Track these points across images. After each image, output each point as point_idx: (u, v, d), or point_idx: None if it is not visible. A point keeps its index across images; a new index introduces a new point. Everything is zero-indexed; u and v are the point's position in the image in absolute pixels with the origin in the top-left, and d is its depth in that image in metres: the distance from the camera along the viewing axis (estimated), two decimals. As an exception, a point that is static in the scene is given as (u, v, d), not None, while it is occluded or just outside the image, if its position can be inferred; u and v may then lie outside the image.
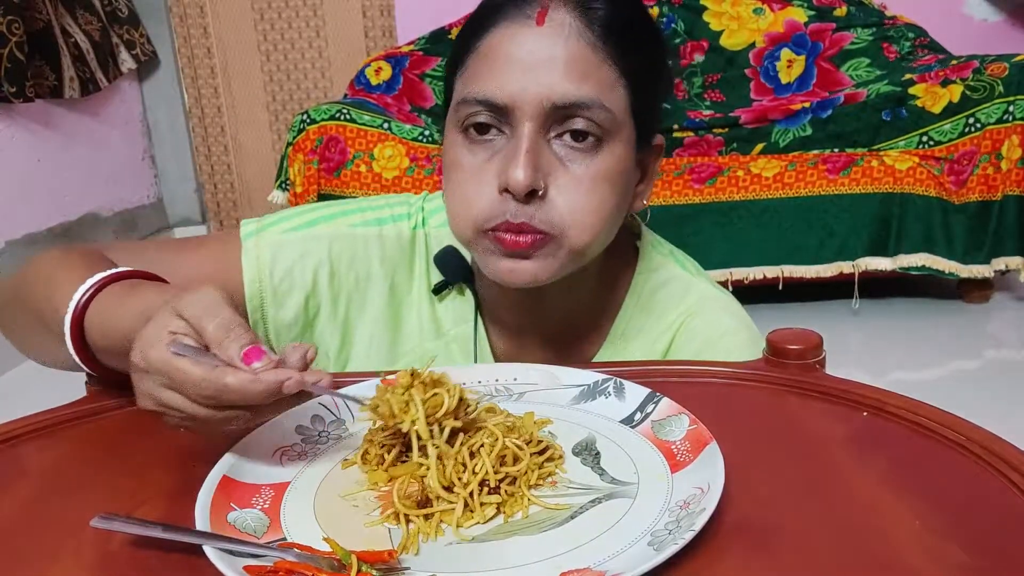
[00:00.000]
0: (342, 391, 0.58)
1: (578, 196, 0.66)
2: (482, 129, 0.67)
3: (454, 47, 0.72)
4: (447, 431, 0.52)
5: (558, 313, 0.78)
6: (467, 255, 0.80)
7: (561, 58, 0.65)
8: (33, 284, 0.69)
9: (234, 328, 0.50)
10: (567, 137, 0.66)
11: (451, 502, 0.48)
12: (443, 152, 0.73)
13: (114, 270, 0.64)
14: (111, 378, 0.64)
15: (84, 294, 0.62)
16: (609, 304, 0.80)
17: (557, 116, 0.66)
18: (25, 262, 0.72)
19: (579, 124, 0.66)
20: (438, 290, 0.81)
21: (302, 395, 0.51)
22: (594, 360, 0.79)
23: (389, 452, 0.53)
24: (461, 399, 0.53)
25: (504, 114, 0.66)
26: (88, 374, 0.67)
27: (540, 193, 0.65)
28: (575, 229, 0.67)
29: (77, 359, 0.63)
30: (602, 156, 0.67)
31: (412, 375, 0.54)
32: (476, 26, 0.70)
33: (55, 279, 0.66)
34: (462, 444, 0.51)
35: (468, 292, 0.80)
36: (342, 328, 0.80)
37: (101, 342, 0.61)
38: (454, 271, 0.80)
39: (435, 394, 0.53)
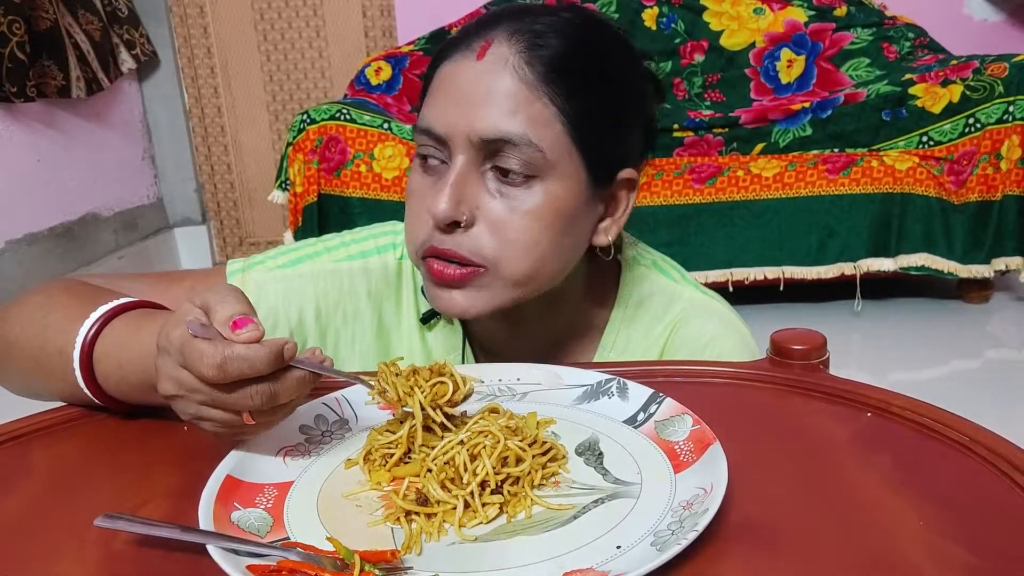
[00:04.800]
0: (350, 374, 0.58)
1: (506, 229, 0.67)
2: (430, 157, 0.70)
3: (423, 82, 0.74)
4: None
5: (543, 337, 0.78)
6: None
7: (493, 93, 0.66)
8: (22, 327, 0.66)
9: (229, 301, 0.51)
10: (498, 170, 0.67)
11: (450, 503, 0.48)
12: None
13: (117, 302, 0.62)
14: (122, 409, 0.63)
15: (91, 328, 0.60)
16: (595, 323, 0.81)
17: (488, 150, 0.66)
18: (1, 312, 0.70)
19: (506, 160, 0.66)
20: (426, 319, 0.81)
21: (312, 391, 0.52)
22: None
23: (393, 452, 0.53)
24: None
25: (443, 144, 0.68)
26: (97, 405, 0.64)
27: (463, 224, 0.67)
28: (506, 261, 0.67)
29: (88, 393, 0.61)
30: (534, 192, 0.67)
31: (415, 371, 0.56)
32: (434, 60, 0.72)
33: (50, 321, 0.64)
34: (462, 444, 0.51)
35: (456, 321, 0.81)
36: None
37: (115, 372, 0.60)
38: None
39: (440, 382, 0.55)
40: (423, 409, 0.54)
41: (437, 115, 0.68)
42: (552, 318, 0.77)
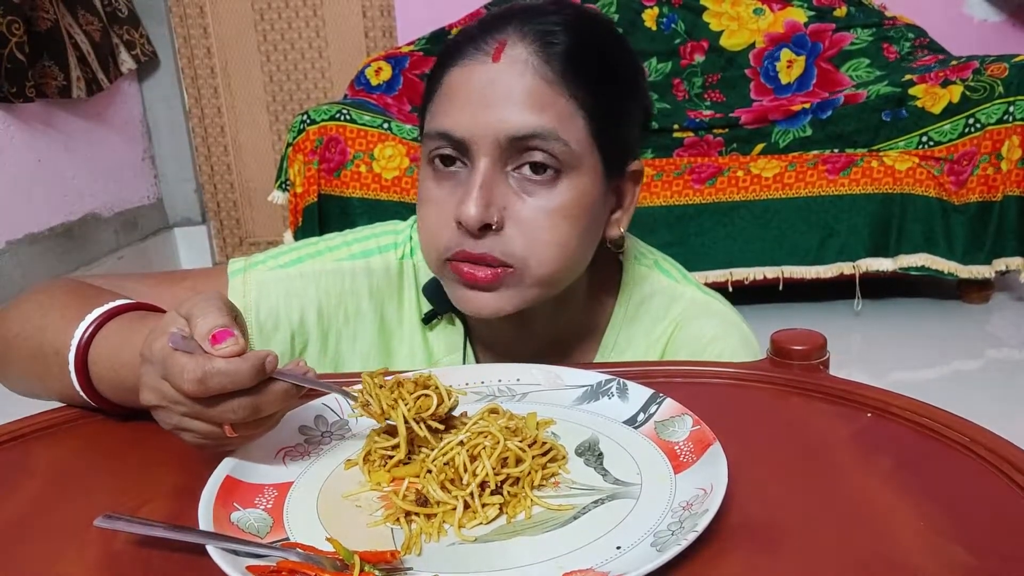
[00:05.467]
0: (333, 385, 0.57)
1: (536, 229, 0.67)
2: (447, 162, 0.69)
3: (425, 85, 0.74)
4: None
5: (547, 336, 0.78)
6: None
7: (517, 92, 0.66)
8: (21, 327, 0.66)
9: (210, 312, 0.50)
10: (525, 170, 0.67)
11: (449, 504, 0.48)
12: (417, 184, 0.74)
13: (113, 304, 0.62)
14: (117, 411, 0.63)
15: (86, 330, 0.60)
16: (597, 323, 0.81)
17: (514, 149, 0.66)
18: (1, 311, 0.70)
19: (535, 156, 0.66)
20: (428, 319, 0.81)
21: (302, 397, 0.52)
22: None
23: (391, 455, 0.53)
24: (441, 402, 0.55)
25: (463, 148, 0.67)
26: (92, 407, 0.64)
27: (494, 227, 0.66)
28: (535, 261, 0.68)
29: (84, 396, 0.61)
30: (561, 189, 0.68)
31: (399, 384, 0.55)
32: (440, 64, 0.71)
33: (48, 321, 0.64)
34: (462, 444, 0.51)
35: (458, 320, 0.81)
36: (333, 363, 0.80)
37: (109, 375, 0.60)
38: (443, 301, 0.79)
39: (424, 395, 0.54)
40: (406, 422, 0.54)
41: (456, 119, 0.67)
42: (558, 318, 0.77)
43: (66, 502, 0.52)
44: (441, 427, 0.55)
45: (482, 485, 0.49)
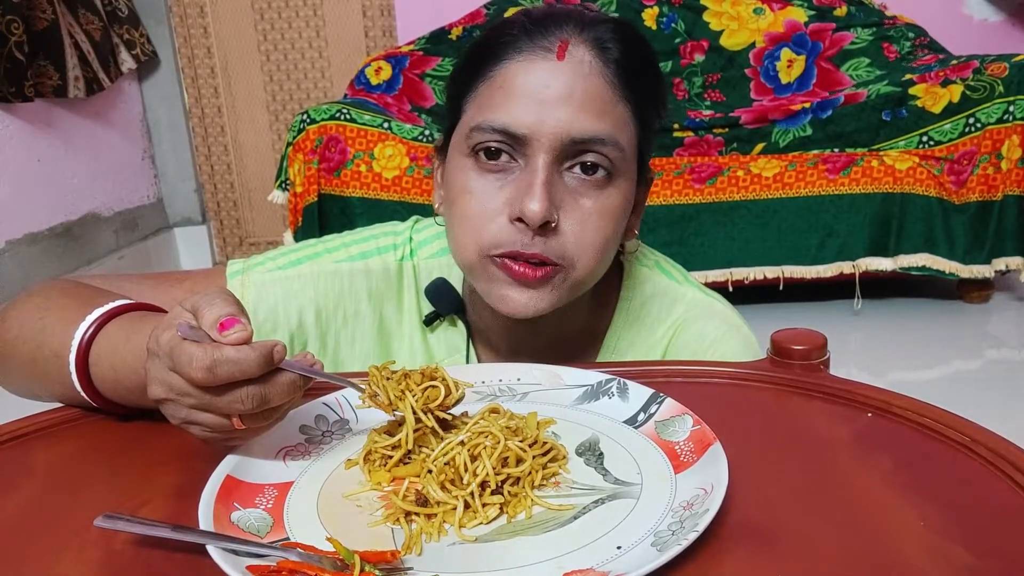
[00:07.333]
0: (341, 377, 0.57)
1: (586, 230, 0.67)
2: (493, 155, 0.68)
3: (461, 73, 0.72)
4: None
5: (550, 338, 0.78)
6: (459, 286, 0.81)
7: (580, 93, 0.66)
8: (19, 329, 0.66)
9: (217, 303, 0.50)
10: (578, 170, 0.67)
11: (450, 503, 0.48)
12: (447, 177, 0.72)
13: (113, 304, 0.62)
14: (118, 411, 0.63)
15: (87, 330, 0.60)
16: (599, 324, 0.81)
17: (572, 150, 0.66)
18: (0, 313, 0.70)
19: (588, 158, 0.67)
20: (429, 321, 0.81)
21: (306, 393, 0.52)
22: None
23: (391, 455, 0.53)
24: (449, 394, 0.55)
25: (520, 144, 0.67)
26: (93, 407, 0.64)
27: (553, 224, 0.66)
28: (580, 262, 0.68)
29: (85, 396, 0.61)
30: (610, 192, 0.68)
31: (406, 375, 0.55)
32: (488, 55, 0.69)
33: (46, 323, 0.64)
34: (462, 444, 0.51)
35: (460, 322, 0.81)
36: (332, 365, 0.80)
37: (110, 375, 0.60)
38: (445, 303, 0.80)
39: (431, 386, 0.54)
40: (414, 413, 0.54)
41: (517, 115, 0.66)
42: (564, 320, 0.77)
43: (66, 502, 0.52)
44: (449, 417, 0.55)
45: (482, 485, 0.49)
